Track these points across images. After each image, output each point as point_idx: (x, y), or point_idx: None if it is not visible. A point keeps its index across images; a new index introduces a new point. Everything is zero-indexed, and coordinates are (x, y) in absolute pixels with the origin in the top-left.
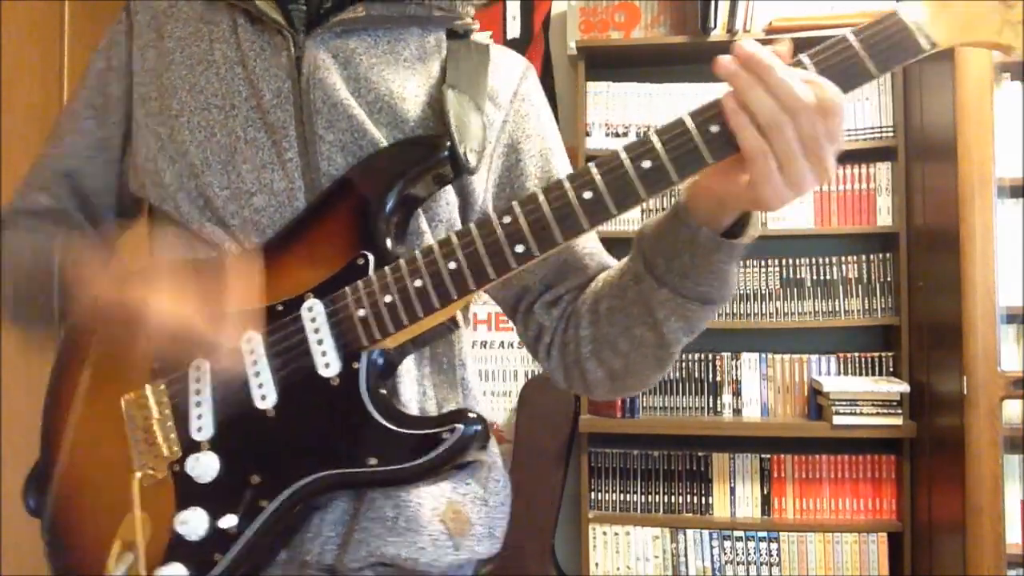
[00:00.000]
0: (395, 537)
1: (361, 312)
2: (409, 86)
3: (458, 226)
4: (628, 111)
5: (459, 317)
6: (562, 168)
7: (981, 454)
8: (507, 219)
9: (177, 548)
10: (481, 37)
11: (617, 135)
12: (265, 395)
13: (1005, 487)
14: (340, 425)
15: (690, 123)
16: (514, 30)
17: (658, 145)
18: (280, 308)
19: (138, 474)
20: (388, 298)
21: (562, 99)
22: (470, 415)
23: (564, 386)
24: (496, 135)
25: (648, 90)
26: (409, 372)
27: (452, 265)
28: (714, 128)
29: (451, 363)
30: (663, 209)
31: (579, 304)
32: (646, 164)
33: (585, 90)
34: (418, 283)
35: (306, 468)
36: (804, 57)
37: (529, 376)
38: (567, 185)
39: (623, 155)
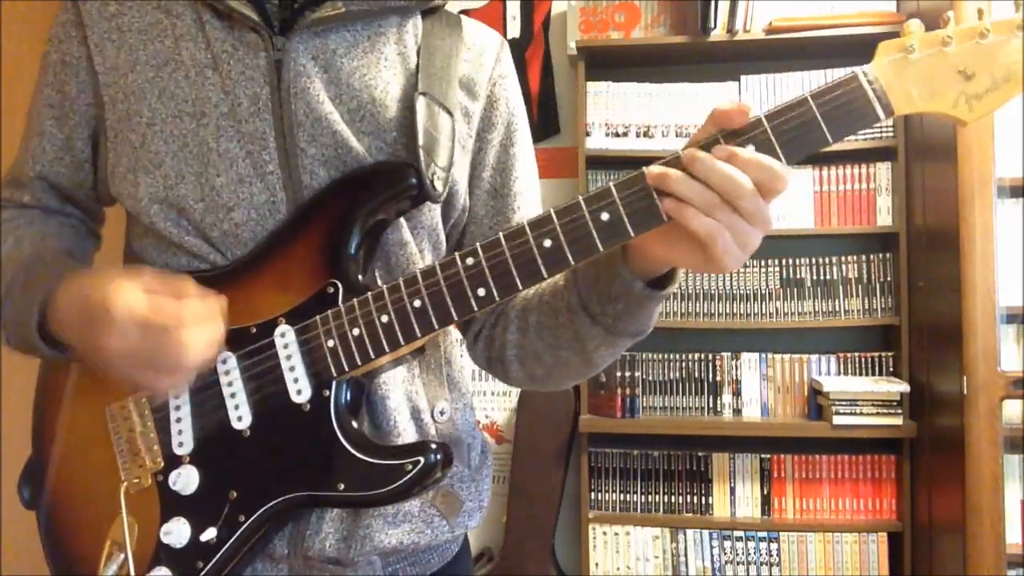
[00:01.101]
0: (394, 529)
1: (331, 343)
2: (391, 90)
3: (441, 230)
4: (628, 111)
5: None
6: (520, 156)
7: (981, 454)
8: (470, 260)
9: (163, 554)
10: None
11: (617, 135)
12: (241, 416)
13: (1005, 487)
14: (311, 450)
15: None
16: (514, 30)
17: (617, 199)
18: (254, 331)
19: (124, 483)
20: (356, 331)
21: (562, 99)
22: (432, 446)
23: (484, 368)
24: (474, 128)
25: (648, 90)
26: (399, 372)
27: (417, 303)
28: None
29: (437, 362)
30: None
31: (509, 307)
32: (604, 217)
33: (585, 90)
34: (384, 319)
35: (280, 488)
36: (763, 118)
37: None
38: (529, 233)
39: (583, 206)
